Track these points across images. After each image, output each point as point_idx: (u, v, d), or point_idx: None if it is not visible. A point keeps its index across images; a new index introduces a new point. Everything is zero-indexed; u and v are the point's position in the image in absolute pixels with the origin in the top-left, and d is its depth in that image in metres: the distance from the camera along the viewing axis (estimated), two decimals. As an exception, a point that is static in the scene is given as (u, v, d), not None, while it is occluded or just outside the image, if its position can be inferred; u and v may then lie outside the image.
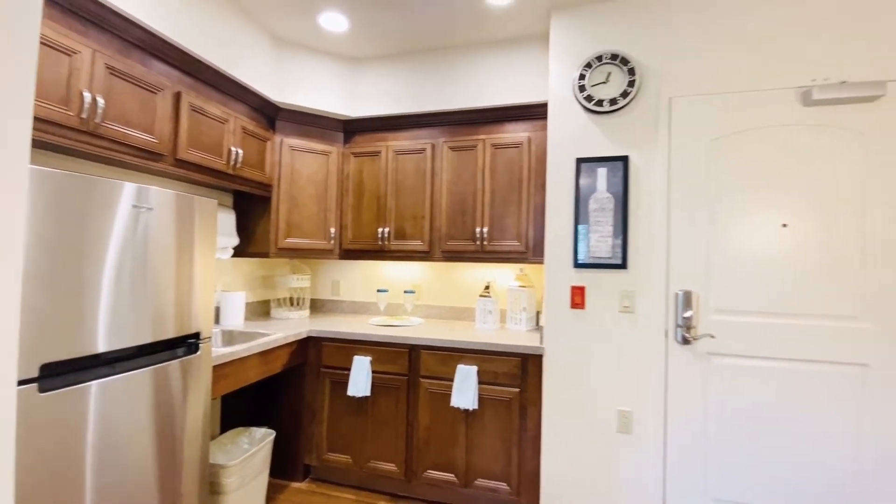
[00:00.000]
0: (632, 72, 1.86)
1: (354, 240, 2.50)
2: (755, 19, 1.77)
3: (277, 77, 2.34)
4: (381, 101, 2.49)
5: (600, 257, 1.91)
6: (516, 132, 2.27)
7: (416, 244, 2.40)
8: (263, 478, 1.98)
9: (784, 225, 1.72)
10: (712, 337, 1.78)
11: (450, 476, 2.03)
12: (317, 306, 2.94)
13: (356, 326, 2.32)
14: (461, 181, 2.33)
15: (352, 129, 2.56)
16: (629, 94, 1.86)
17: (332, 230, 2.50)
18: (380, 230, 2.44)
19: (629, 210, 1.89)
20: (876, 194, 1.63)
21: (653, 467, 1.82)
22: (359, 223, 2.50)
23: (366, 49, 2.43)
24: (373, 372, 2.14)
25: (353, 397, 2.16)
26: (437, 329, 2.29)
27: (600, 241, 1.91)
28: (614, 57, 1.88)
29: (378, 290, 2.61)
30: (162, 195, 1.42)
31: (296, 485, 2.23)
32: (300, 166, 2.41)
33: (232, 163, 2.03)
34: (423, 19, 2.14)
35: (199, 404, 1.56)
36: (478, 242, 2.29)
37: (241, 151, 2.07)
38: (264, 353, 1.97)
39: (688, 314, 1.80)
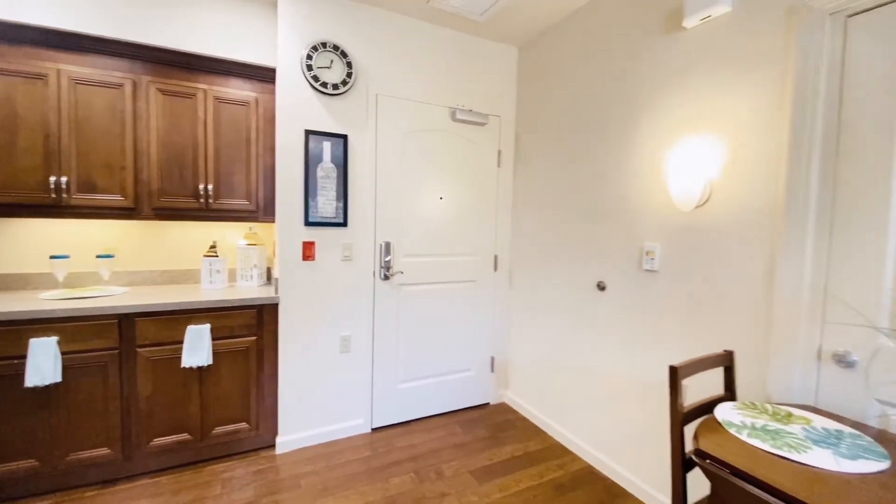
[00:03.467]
0: (349, 65, 2.27)
1: (5, 190, 1.83)
2: (423, 62, 2.53)
3: None
4: (49, 4, 1.85)
5: (327, 217, 2.31)
6: (243, 90, 2.27)
7: (114, 199, 2.03)
8: None
9: (441, 197, 2.65)
10: (402, 273, 2.56)
11: (183, 436, 2.02)
12: None
13: (23, 304, 1.79)
14: (177, 131, 2.13)
15: (-22, 28, 1.78)
16: (348, 83, 2.27)
17: (-51, 174, 1.74)
18: (52, 179, 1.90)
19: (349, 179, 2.36)
20: (480, 182, 2.78)
21: (364, 372, 2.48)
22: (11, 168, 1.84)
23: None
24: (63, 353, 1.77)
25: (35, 388, 1.73)
26: (153, 295, 2.09)
27: (327, 204, 2.30)
28: (336, 48, 2.23)
29: (52, 257, 2.03)
30: None
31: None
32: None
33: None
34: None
35: None
36: (202, 200, 2.20)
37: None
38: None
39: (388, 259, 2.50)
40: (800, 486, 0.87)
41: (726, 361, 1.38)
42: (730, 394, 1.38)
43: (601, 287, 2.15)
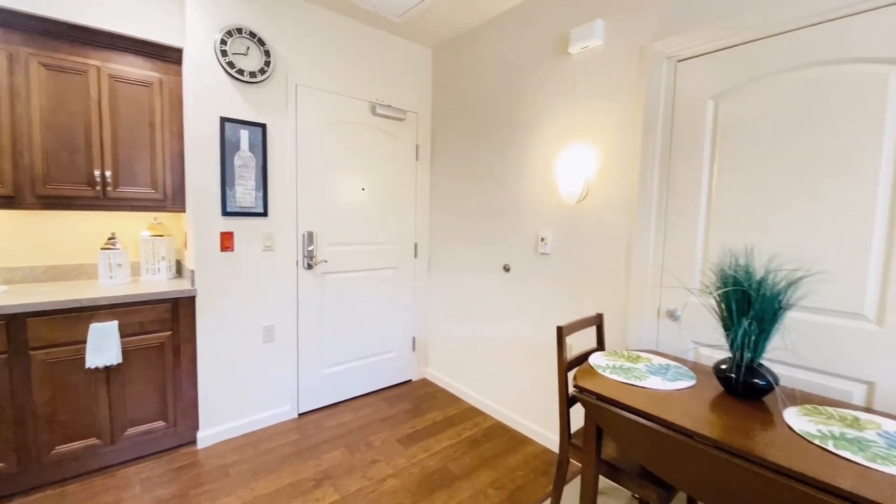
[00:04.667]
0: (268, 54, 2.25)
1: None
2: (344, 57, 2.60)
3: None
4: None
5: (246, 207, 2.29)
6: (144, 69, 2.11)
7: (-16, 186, 1.78)
8: None
9: (363, 188, 2.76)
10: (326, 262, 2.64)
11: (91, 441, 1.90)
12: None
13: None
14: (66, 111, 1.92)
15: None
16: (266, 71, 2.25)
17: None
18: None
19: (269, 169, 2.35)
20: (399, 174, 2.95)
21: (290, 360, 2.53)
22: None
23: None
24: (-70, 363, 1.55)
25: None
26: (41, 293, 1.90)
27: (246, 193, 2.28)
28: (252, 35, 2.19)
29: None
30: None
31: None
32: None
33: None
34: None
35: None
36: (98, 188, 2.03)
37: None
38: None
39: (311, 248, 2.56)
40: (640, 401, 1.25)
41: (598, 322, 1.79)
42: (600, 346, 1.80)
43: (506, 269, 2.49)
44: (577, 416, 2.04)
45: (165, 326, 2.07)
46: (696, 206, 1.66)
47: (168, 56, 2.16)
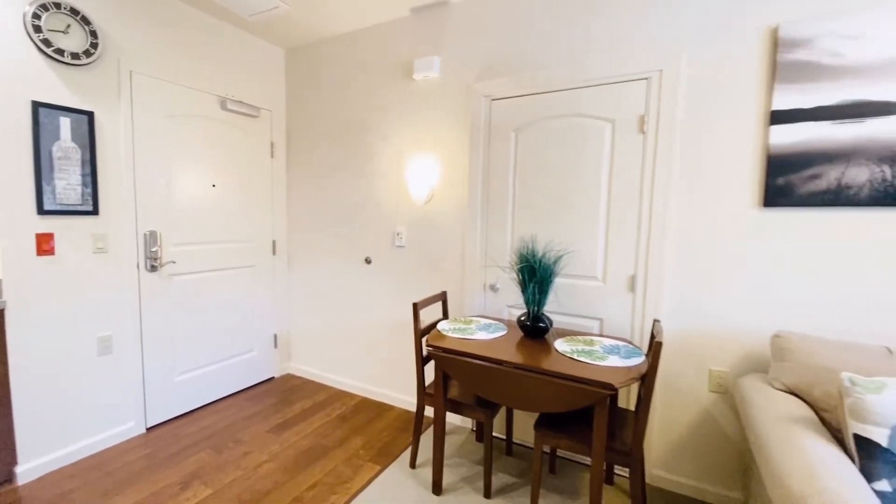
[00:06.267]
0: (94, 34, 2.03)
1: None
2: (190, 47, 2.50)
3: None
4: None
5: (70, 204, 2.03)
6: None
7: None
8: None
9: (214, 185, 2.69)
10: (174, 263, 2.50)
11: None
12: None
13: None
14: None
15: None
16: (92, 54, 2.03)
17: None
18: None
19: (98, 162, 2.12)
20: (253, 171, 2.95)
21: (133, 372, 2.33)
22: None
23: None
24: None
25: None
26: None
27: (69, 189, 2.02)
28: (75, 11, 1.95)
29: None
30: None
31: None
32: None
33: None
34: None
35: None
36: None
37: None
38: None
39: (154, 248, 2.39)
40: (472, 349, 1.76)
41: (443, 298, 2.29)
42: (445, 316, 2.30)
43: (368, 261, 2.81)
44: (430, 373, 2.53)
45: (-42, 348, 1.72)
46: (506, 209, 2.29)
47: (-59, 18, 1.76)
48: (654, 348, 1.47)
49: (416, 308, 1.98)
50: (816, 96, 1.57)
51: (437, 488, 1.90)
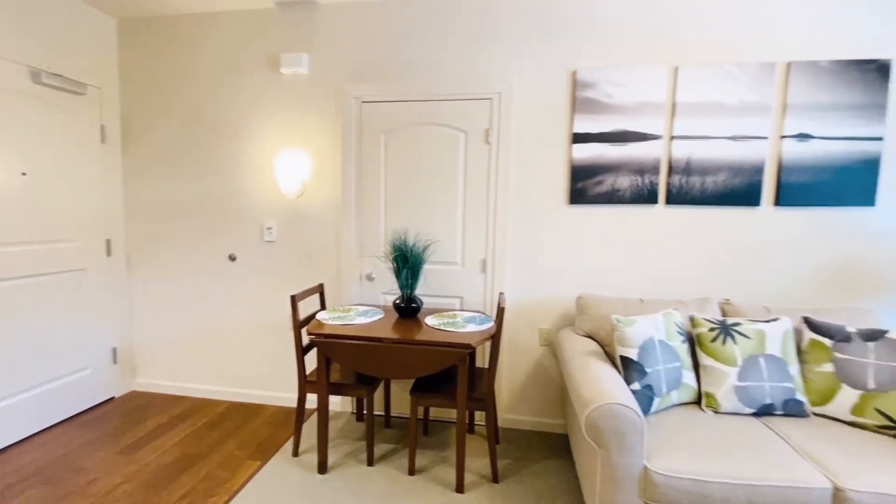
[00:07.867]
0: None
1: None
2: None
3: None
4: None
5: None
6: None
7: None
8: None
9: (24, 173, 2.22)
10: (-36, 269, 2.00)
11: None
12: None
13: None
14: None
15: None
16: None
17: None
18: None
19: None
20: (78, 157, 2.52)
21: None
22: None
23: None
24: None
25: None
26: None
27: None
28: None
29: None
30: None
31: None
32: None
33: None
34: None
35: None
36: None
37: None
38: None
39: (-69, 252, 1.89)
40: (353, 332, 1.93)
41: (320, 289, 2.38)
42: (323, 307, 2.40)
43: (232, 258, 2.69)
44: (310, 363, 2.59)
45: None
46: (379, 204, 2.50)
47: None
48: (499, 314, 1.89)
49: (293, 300, 2.05)
50: (600, 124, 2.20)
51: (323, 468, 2.02)
